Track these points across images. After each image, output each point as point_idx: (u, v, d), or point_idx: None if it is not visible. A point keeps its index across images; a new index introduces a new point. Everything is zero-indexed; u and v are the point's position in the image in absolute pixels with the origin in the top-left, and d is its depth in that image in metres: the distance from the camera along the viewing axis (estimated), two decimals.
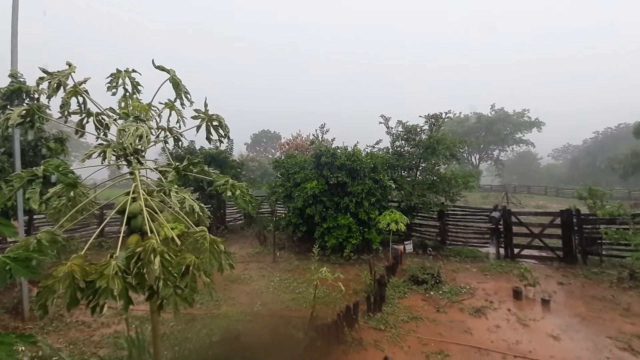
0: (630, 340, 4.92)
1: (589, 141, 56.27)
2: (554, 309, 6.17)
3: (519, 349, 4.83)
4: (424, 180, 11.57)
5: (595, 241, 8.61)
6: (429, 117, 12.37)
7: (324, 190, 10.11)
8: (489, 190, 43.91)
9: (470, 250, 10.17)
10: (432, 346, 4.97)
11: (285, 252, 10.88)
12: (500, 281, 7.69)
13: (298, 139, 22.35)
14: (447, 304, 6.49)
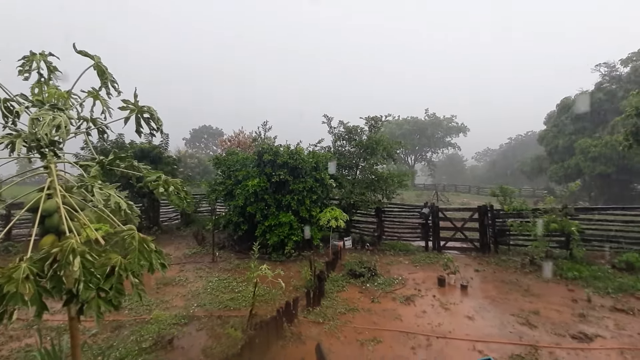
0: (528, 316, 5.78)
1: (504, 146, 63.97)
2: (470, 293, 6.97)
3: (440, 330, 5.38)
4: (364, 179, 12.13)
5: (504, 233, 9.90)
6: (369, 119, 12.99)
7: (266, 188, 10.06)
8: (422, 189, 47.50)
9: (404, 244, 10.95)
10: (367, 334, 5.30)
11: (225, 252, 10.60)
12: (428, 271, 8.44)
13: (240, 136, 21.76)
14: (381, 295, 6.93)
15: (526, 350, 4.72)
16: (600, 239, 9.09)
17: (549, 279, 7.64)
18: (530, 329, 5.37)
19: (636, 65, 27.69)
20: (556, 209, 8.73)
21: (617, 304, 6.14)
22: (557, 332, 5.21)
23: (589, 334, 5.10)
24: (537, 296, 6.70)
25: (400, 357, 4.65)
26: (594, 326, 5.39)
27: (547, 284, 7.41)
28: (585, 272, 7.61)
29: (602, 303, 6.25)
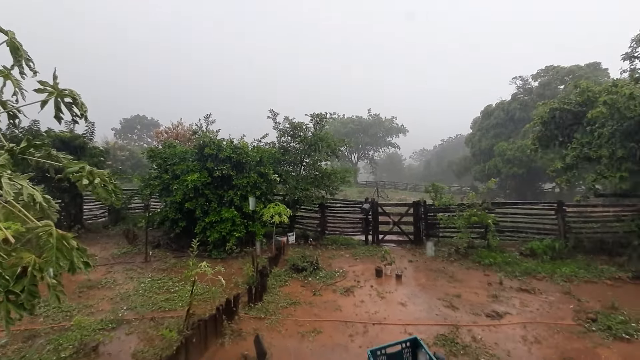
0: (452, 300, 6.43)
1: (437, 147, 69.52)
2: (404, 282, 7.52)
3: (376, 318, 5.73)
4: (308, 175, 12.28)
5: (435, 226, 10.82)
6: (314, 116, 13.16)
7: (207, 183, 9.66)
8: (364, 185, 49.49)
9: (346, 239, 11.37)
10: (308, 326, 5.43)
11: (160, 251, 9.97)
12: (367, 263, 8.88)
13: (179, 127, 20.44)
14: (322, 287, 7.13)
15: (449, 329, 5.25)
16: (512, 230, 10.45)
17: (470, 266, 8.55)
18: (453, 311, 5.98)
19: (543, 80, 32.05)
20: (477, 204, 9.79)
21: (523, 285, 7.12)
22: (474, 312, 5.89)
23: (500, 312, 5.84)
24: (459, 281, 7.48)
25: (338, 345, 4.86)
26: (504, 305, 6.19)
27: (468, 270, 8.29)
28: (499, 258, 8.67)
29: (511, 285, 7.19)
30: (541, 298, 6.50)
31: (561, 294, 6.67)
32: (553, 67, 31.91)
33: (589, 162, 8.91)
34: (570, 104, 9.66)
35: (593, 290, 6.81)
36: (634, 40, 9.22)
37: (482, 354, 4.55)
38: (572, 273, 7.64)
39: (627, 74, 9.68)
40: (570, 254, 8.83)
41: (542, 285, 7.12)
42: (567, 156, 9.23)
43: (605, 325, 5.20)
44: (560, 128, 9.97)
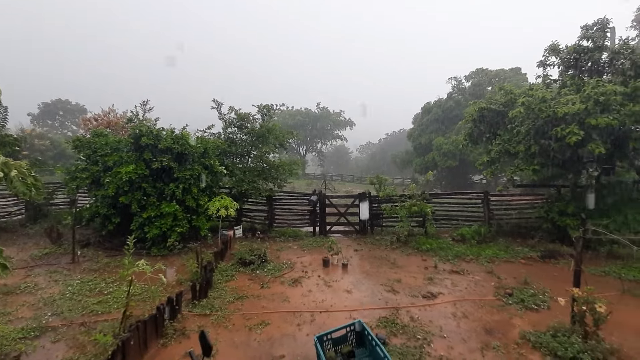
0: (393, 284, 6.86)
1: (382, 141, 72.53)
2: (350, 270, 7.83)
3: (323, 306, 5.92)
4: (255, 167, 12.07)
5: (379, 216, 11.38)
6: (262, 107, 12.92)
7: (145, 175, 9.01)
8: (312, 178, 49.98)
9: (294, 231, 11.44)
10: (255, 319, 5.41)
11: (91, 250, 9.11)
12: (315, 254, 9.06)
13: (111, 114, 18.62)
14: (270, 280, 7.14)
15: (390, 312, 5.62)
16: (446, 218, 11.42)
17: (410, 253, 9.18)
18: (394, 295, 6.40)
19: (474, 81, 35.05)
20: (417, 194, 10.49)
21: (454, 268, 7.85)
22: (413, 294, 6.36)
23: (434, 293, 6.39)
24: (400, 267, 8.00)
25: (286, 335, 4.93)
26: (438, 286, 6.78)
27: (408, 256, 8.89)
28: (435, 244, 9.43)
29: (444, 268, 7.89)
30: (469, 278, 7.24)
31: (485, 273, 7.49)
32: (482, 69, 35.00)
33: (509, 157, 10.00)
34: (495, 104, 10.72)
35: (510, 268, 7.76)
36: (547, 50, 10.49)
37: (419, 332, 4.95)
38: (494, 255, 8.62)
39: (541, 79, 11.02)
40: (493, 238, 9.93)
41: (470, 267, 7.93)
42: (492, 151, 10.26)
43: (519, 299, 5.98)
44: (487, 125, 11.02)
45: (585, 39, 9.57)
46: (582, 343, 4.26)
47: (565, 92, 8.82)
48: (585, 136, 7.76)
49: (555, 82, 10.67)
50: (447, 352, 4.44)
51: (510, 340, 4.71)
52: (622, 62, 8.87)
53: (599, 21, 9.42)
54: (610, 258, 8.17)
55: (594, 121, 7.54)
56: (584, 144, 7.95)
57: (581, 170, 9.81)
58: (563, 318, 4.91)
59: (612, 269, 7.37)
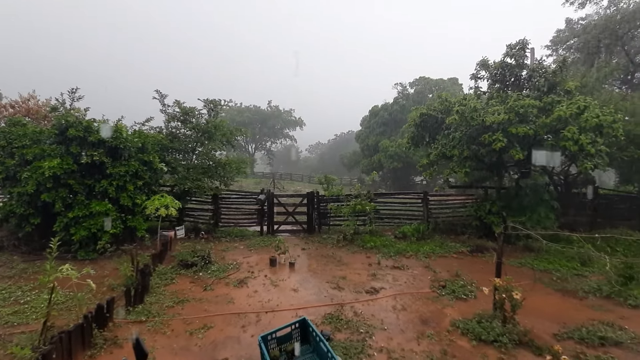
0: (338, 281, 7.04)
1: (331, 141, 73.83)
2: (297, 269, 7.87)
3: (269, 306, 5.87)
4: (200, 164, 11.53)
5: (326, 215, 11.60)
6: (208, 102, 12.39)
7: (72, 171, 8.14)
8: (261, 176, 49.20)
9: (240, 230, 11.17)
10: (197, 323, 5.18)
11: (5, 254, 7.99)
12: (262, 254, 8.94)
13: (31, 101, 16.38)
14: (214, 282, 6.89)
15: (335, 308, 5.76)
16: (389, 216, 12.02)
17: (355, 250, 9.49)
18: (340, 291, 6.57)
19: (417, 88, 37.38)
20: (363, 194, 10.90)
21: (395, 263, 8.30)
22: (357, 290, 6.59)
23: (377, 288, 6.69)
24: (346, 265, 8.24)
25: (230, 338, 4.80)
26: (380, 281, 7.12)
27: (353, 254, 9.19)
28: (378, 242, 9.88)
29: (386, 264, 8.29)
30: (408, 273, 7.71)
31: (423, 268, 8.04)
32: (424, 78, 37.49)
33: (446, 160, 10.85)
34: (434, 110, 11.56)
35: (445, 263, 8.43)
36: (478, 65, 11.59)
37: (362, 326, 5.15)
38: (431, 250, 9.29)
39: (473, 90, 12.14)
40: (431, 235, 10.69)
41: (410, 262, 8.45)
42: (431, 154, 11.04)
43: (451, 290, 6.53)
44: (427, 130, 11.84)
45: (509, 56, 10.74)
46: (501, 327, 4.78)
47: (493, 103, 9.81)
48: (508, 143, 8.71)
49: (485, 93, 11.82)
50: (387, 344, 4.68)
51: (442, 329, 5.11)
52: (537, 80, 10.12)
53: (520, 42, 10.64)
54: (525, 251, 9.28)
55: (514, 130, 8.50)
56: (506, 150, 8.92)
57: (504, 173, 10.99)
58: (487, 306, 5.47)
59: (527, 261, 8.39)
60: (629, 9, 18.91)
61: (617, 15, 19.00)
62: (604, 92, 12.98)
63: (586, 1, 21.17)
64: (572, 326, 5.06)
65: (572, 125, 8.22)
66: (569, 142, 8.00)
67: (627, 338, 4.77)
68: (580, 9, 21.50)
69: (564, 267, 7.87)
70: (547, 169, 11.00)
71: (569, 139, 8.01)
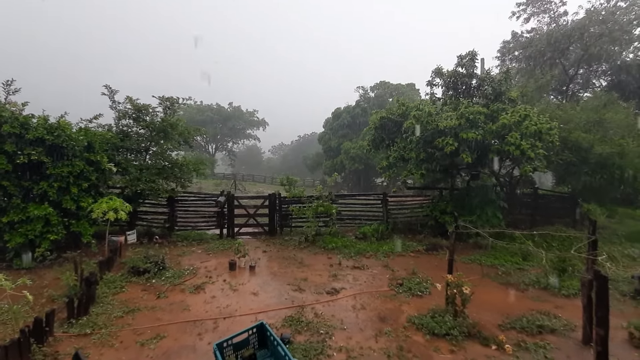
0: (300, 283, 7.03)
1: (294, 142, 73.68)
2: (257, 272, 7.74)
3: (228, 311, 5.71)
4: (155, 164, 10.93)
5: (288, 217, 11.53)
6: (164, 100, 11.79)
7: (7, 171, 7.35)
8: (222, 178, 47.81)
9: (198, 234, 10.76)
10: (149, 333, 4.91)
11: None
12: (221, 257, 8.68)
13: None
14: (169, 289, 6.57)
15: (296, 311, 5.74)
16: (351, 217, 12.23)
17: (317, 251, 9.54)
18: (300, 293, 6.57)
19: (378, 92, 38.52)
20: (324, 195, 10.98)
21: (356, 264, 8.46)
22: (318, 292, 6.63)
23: (337, 288, 6.77)
24: (307, 266, 8.25)
25: (185, 347, 4.61)
26: (341, 282, 7.22)
27: (315, 255, 9.23)
28: (340, 243, 10.01)
29: (347, 264, 8.43)
30: (368, 272, 7.90)
31: (382, 267, 8.28)
32: (385, 82, 38.76)
33: (404, 162, 11.27)
34: (393, 114, 11.97)
35: (402, 261, 8.74)
36: (433, 72, 12.21)
37: (322, 326, 5.19)
38: (389, 250, 9.59)
39: (429, 96, 12.76)
40: (390, 235, 11.03)
41: (370, 262, 8.66)
42: (390, 156, 11.41)
43: (408, 287, 6.78)
44: (387, 133, 12.23)
45: (460, 66, 11.42)
46: (453, 320, 5.06)
47: (446, 109, 10.38)
48: (459, 147, 9.25)
49: (439, 100, 12.46)
50: (346, 343, 4.76)
51: (399, 325, 5.30)
52: (485, 88, 10.87)
53: (470, 53, 11.36)
54: (476, 248, 9.91)
55: (464, 135, 9.05)
56: (458, 154, 9.46)
57: (457, 175, 11.66)
58: (440, 301, 5.75)
59: (476, 257, 8.95)
60: (568, 26, 21.02)
61: (558, 32, 21.00)
62: (542, 102, 14.27)
63: (530, 16, 23.22)
64: (515, 317, 5.48)
65: (515, 131, 8.93)
66: (512, 147, 8.68)
67: (560, 325, 5.27)
68: (525, 23, 23.52)
69: (508, 262, 8.51)
70: (494, 171, 11.85)
71: (512, 144, 8.70)
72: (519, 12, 23.57)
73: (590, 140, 10.45)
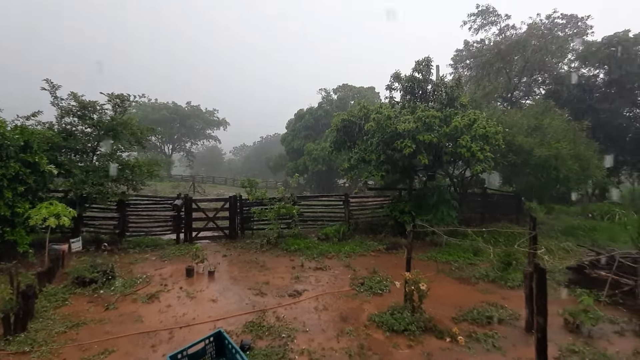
0: (261, 287, 6.91)
1: (257, 143, 72.51)
2: (217, 278, 7.48)
3: (185, 320, 5.45)
4: (103, 166, 10.16)
5: (249, 219, 11.31)
6: (113, 97, 11.02)
7: None
8: (179, 180, 45.78)
9: (152, 239, 10.19)
10: (96, 348, 4.54)
11: None
12: (178, 264, 8.28)
13: None
14: (119, 299, 6.14)
15: (257, 315, 5.62)
16: (313, 219, 12.27)
17: (279, 254, 9.45)
18: (262, 297, 6.45)
19: (340, 95, 39.12)
20: (287, 197, 10.91)
21: (318, 265, 8.49)
22: (280, 295, 6.55)
23: (299, 291, 6.74)
24: (269, 269, 8.13)
25: None
26: (303, 284, 7.20)
27: (277, 258, 9.13)
28: (302, 244, 10.00)
29: (310, 266, 8.44)
30: (330, 273, 7.96)
31: (344, 267, 8.39)
32: (347, 85, 39.47)
33: (365, 163, 11.54)
34: (355, 117, 12.20)
35: (364, 261, 8.93)
36: (392, 77, 12.65)
37: (284, 330, 5.13)
38: (351, 250, 9.75)
39: (388, 100, 13.20)
40: (352, 235, 11.23)
41: (332, 263, 8.74)
42: (352, 158, 11.62)
43: (369, 286, 6.93)
44: (348, 135, 12.43)
45: (417, 71, 11.94)
46: (411, 316, 5.25)
47: (404, 113, 10.77)
48: (416, 149, 9.65)
49: (398, 103, 12.93)
50: (309, 345, 4.75)
51: (360, 324, 5.39)
52: (440, 93, 11.46)
53: (425, 59, 11.92)
54: (432, 245, 10.39)
55: (421, 137, 9.47)
56: (415, 155, 9.88)
57: (414, 176, 12.14)
58: (399, 298, 5.94)
59: (432, 254, 9.39)
60: (513, 39, 22.83)
61: (504, 43, 22.75)
62: (490, 107, 15.34)
63: (480, 28, 24.88)
64: (467, 309, 5.81)
65: (466, 134, 9.51)
66: (463, 149, 9.23)
67: (506, 315, 5.67)
68: (476, 34, 25.18)
69: (461, 258, 9.02)
70: (448, 172, 12.53)
71: (463, 146, 9.25)
72: (469, 22, 25.17)
73: (531, 144, 11.39)
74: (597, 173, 13.19)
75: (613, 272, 6.35)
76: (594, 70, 22.48)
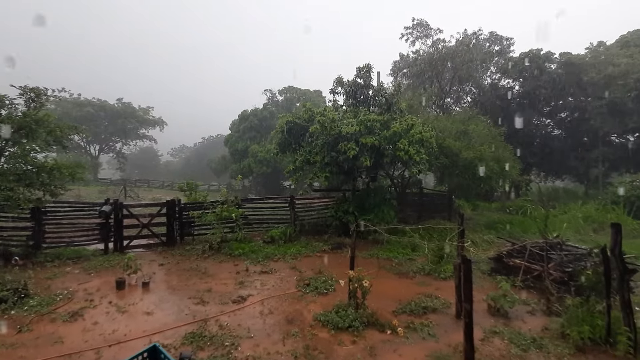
0: (203, 295, 6.57)
1: (198, 144, 69.05)
2: (152, 289, 6.94)
3: (115, 337, 4.95)
4: (13, 169, 8.83)
5: (189, 224, 10.72)
6: (27, 90, 9.64)
7: None
8: (108, 184, 41.75)
9: (75, 251, 9.12)
10: None
11: None
12: (106, 276, 7.52)
13: None
14: (34, 320, 5.37)
15: (198, 325, 5.33)
16: (258, 222, 12.05)
17: (222, 259, 9.09)
18: (204, 306, 6.14)
19: (286, 96, 39.07)
20: (229, 200, 10.56)
21: (264, 268, 8.34)
22: (223, 302, 6.30)
23: (244, 296, 6.56)
24: (212, 276, 7.78)
25: None
26: (248, 289, 7.02)
27: (220, 263, 8.78)
28: (247, 248, 9.75)
29: (255, 270, 8.25)
30: (276, 276, 7.88)
31: (290, 269, 8.37)
32: (293, 87, 39.56)
33: (309, 165, 11.65)
34: (300, 119, 12.28)
35: (310, 262, 8.99)
36: (335, 81, 13.02)
37: (227, 338, 4.93)
38: (297, 252, 9.77)
39: (332, 103, 13.54)
40: (298, 237, 11.26)
41: (277, 265, 8.66)
42: (297, 160, 11.66)
43: (314, 287, 7.00)
44: (293, 137, 12.46)
45: (359, 77, 12.43)
46: (355, 313, 5.41)
47: (347, 116, 11.15)
48: (359, 151, 10.02)
49: (342, 107, 13.31)
50: (254, 351, 4.63)
51: (306, 325, 5.42)
52: (380, 99, 12.07)
53: (366, 65, 12.47)
54: (374, 243, 10.85)
55: (364, 140, 9.86)
56: (358, 157, 10.25)
57: (358, 177, 12.59)
58: (344, 296, 6.09)
59: (374, 252, 9.82)
60: (443, 52, 24.95)
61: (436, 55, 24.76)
62: (424, 113, 16.58)
63: (415, 40, 26.77)
64: (405, 302, 6.18)
65: (404, 138, 10.13)
66: (401, 152, 9.83)
67: (439, 304, 6.15)
68: (412, 45, 27.02)
69: (401, 254, 9.58)
70: (389, 173, 13.23)
71: (401, 149, 9.85)
72: (406, 35, 26.95)
73: (459, 147, 12.55)
74: (513, 172, 14.98)
75: (525, 259, 7.24)
76: (511, 82, 25.63)
